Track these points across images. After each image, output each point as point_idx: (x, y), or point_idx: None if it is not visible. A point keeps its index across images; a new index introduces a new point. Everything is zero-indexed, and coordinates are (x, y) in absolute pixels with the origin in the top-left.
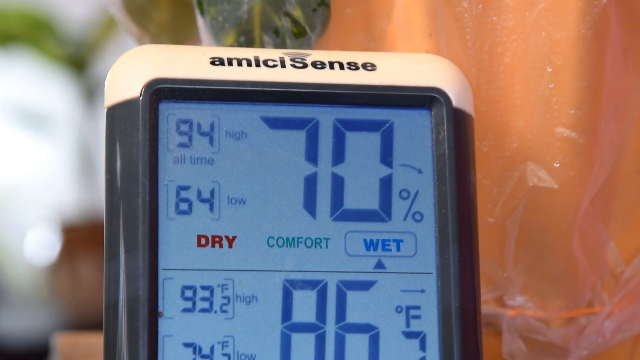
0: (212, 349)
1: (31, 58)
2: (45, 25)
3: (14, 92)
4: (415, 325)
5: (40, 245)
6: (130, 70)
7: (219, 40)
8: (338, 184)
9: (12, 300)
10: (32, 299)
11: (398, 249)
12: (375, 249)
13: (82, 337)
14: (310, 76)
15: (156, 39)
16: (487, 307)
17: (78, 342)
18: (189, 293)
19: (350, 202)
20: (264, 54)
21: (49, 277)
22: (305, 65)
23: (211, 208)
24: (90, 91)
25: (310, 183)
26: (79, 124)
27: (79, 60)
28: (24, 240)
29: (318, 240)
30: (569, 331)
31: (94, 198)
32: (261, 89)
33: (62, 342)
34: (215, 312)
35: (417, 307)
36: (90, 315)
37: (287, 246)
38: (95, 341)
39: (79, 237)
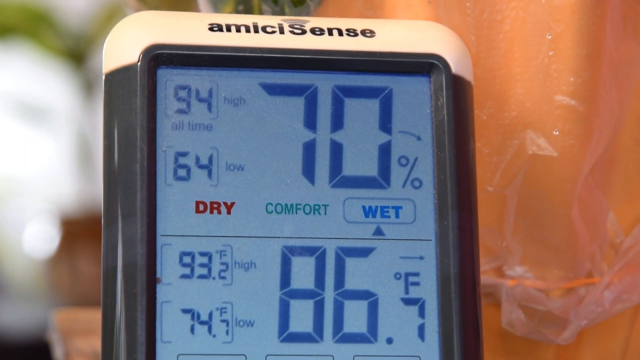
0: (210, 315)
1: (30, 51)
2: (44, 18)
3: (13, 85)
4: (414, 292)
5: (39, 238)
6: (128, 36)
7: (217, 10)
8: (337, 150)
9: (11, 293)
10: (31, 291)
11: (397, 215)
12: (374, 216)
13: (81, 312)
14: (309, 42)
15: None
16: (486, 277)
17: (77, 317)
18: (187, 259)
19: (349, 168)
20: (262, 20)
21: (48, 270)
22: (304, 32)
23: (209, 174)
24: (89, 84)
25: (309, 149)
26: (78, 116)
27: (78, 53)
28: (23, 233)
29: (317, 207)
30: (569, 301)
31: (93, 191)
32: (260, 55)
33: (61, 318)
34: (214, 278)
35: (416, 274)
36: (89, 308)
37: (285, 213)
38: (95, 317)
39: (77, 230)
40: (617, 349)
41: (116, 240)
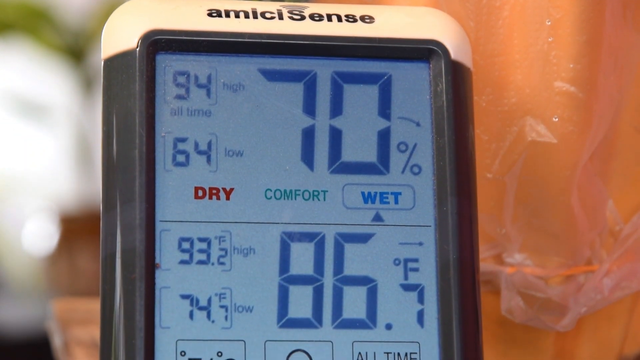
0: (209, 300)
1: (29, 48)
2: (43, 14)
3: (12, 82)
4: (413, 278)
5: (39, 235)
6: (127, 21)
7: None
8: (336, 136)
9: (11, 290)
10: (30, 289)
11: (396, 201)
12: (373, 202)
13: (80, 302)
14: (308, 28)
15: None
16: (485, 264)
17: (76, 307)
18: (186, 245)
19: (348, 154)
20: (261, 6)
21: (48, 268)
22: (303, 18)
23: (208, 160)
24: (89, 81)
25: (308, 135)
26: (77, 113)
27: (77, 50)
28: (23, 230)
29: (316, 193)
30: (568, 288)
31: (92, 188)
32: (258, 40)
33: (59, 308)
34: (213, 264)
35: (416, 260)
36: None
37: (284, 198)
38: (93, 306)
39: (77, 228)
40: (616, 336)
41: (115, 226)
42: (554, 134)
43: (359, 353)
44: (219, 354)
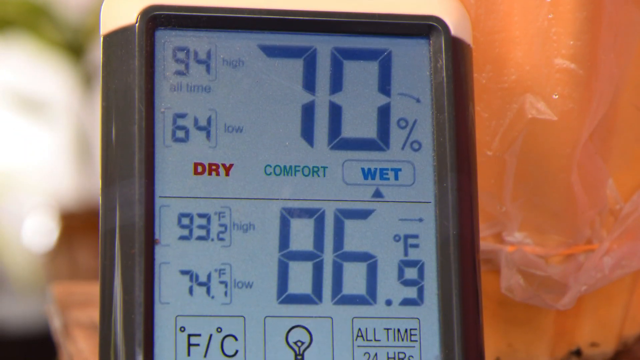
0: (209, 276)
1: (29, 44)
2: (43, 11)
3: (11, 78)
4: (413, 254)
5: (38, 231)
6: None
7: None
8: (336, 112)
9: (10, 286)
10: (30, 285)
11: (396, 177)
12: (373, 178)
13: (78, 286)
14: (307, 4)
15: None
16: (485, 243)
17: (74, 291)
18: (185, 221)
19: (348, 130)
20: None
21: (47, 264)
22: None
23: (208, 136)
24: (88, 77)
25: (308, 111)
26: (77, 110)
27: (76, 46)
28: (22, 226)
29: (316, 169)
30: (568, 267)
31: (92, 184)
32: (259, 16)
33: (58, 291)
34: (212, 240)
35: (415, 236)
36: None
37: (284, 174)
38: (92, 289)
39: (76, 224)
40: (616, 316)
41: (114, 201)
42: (554, 112)
43: (359, 329)
44: (219, 329)
